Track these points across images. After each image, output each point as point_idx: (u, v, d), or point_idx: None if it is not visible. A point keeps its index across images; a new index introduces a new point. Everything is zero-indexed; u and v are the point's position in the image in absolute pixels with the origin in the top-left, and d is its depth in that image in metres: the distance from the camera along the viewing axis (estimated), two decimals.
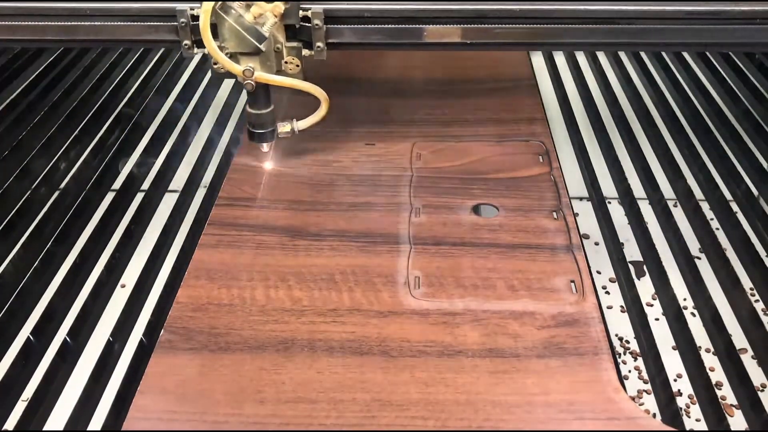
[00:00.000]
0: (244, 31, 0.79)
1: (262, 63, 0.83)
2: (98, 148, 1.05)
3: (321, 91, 0.87)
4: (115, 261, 0.87)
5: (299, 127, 0.91)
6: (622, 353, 1.27)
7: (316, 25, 0.82)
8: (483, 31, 0.84)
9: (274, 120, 0.90)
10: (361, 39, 0.84)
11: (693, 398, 1.14)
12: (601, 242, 1.00)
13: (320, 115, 0.89)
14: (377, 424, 0.59)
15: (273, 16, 0.80)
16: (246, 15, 0.79)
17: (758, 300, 0.85)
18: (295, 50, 0.84)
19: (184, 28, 0.82)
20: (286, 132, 0.90)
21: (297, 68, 0.85)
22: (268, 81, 0.83)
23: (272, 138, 0.90)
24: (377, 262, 0.77)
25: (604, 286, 1.36)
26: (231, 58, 0.82)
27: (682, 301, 0.83)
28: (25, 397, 0.71)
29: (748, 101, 1.15)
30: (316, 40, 0.83)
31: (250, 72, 0.81)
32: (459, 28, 0.83)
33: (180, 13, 0.82)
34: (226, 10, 0.79)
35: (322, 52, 0.84)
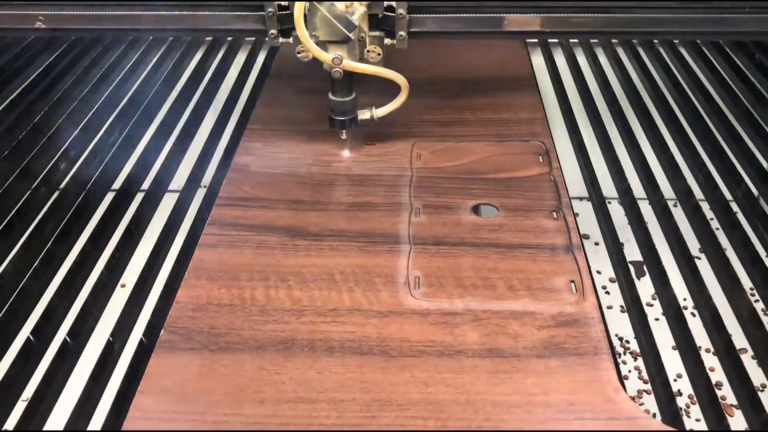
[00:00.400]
0: (336, 19, 0.83)
1: (348, 51, 0.86)
2: (98, 148, 1.05)
3: (402, 78, 0.90)
4: (115, 261, 0.87)
5: (378, 115, 0.94)
6: (622, 353, 1.27)
7: (400, 15, 0.86)
8: (562, 20, 0.88)
9: (355, 107, 0.93)
10: (442, 28, 0.88)
11: (693, 398, 1.14)
12: (601, 242, 1.00)
13: (400, 102, 0.92)
14: (377, 424, 0.59)
15: (361, 5, 0.84)
16: (337, 4, 0.83)
17: (758, 300, 0.84)
18: (378, 39, 0.88)
19: (272, 18, 0.86)
20: (366, 119, 0.94)
21: (379, 57, 0.88)
22: (355, 69, 0.87)
23: (353, 125, 0.93)
24: (377, 262, 0.77)
25: (604, 286, 1.36)
26: (319, 46, 0.85)
27: (682, 301, 0.83)
28: (25, 397, 0.71)
29: (748, 101, 1.15)
30: (399, 29, 0.87)
31: (339, 60, 0.85)
32: (539, 17, 0.88)
33: (268, 3, 0.86)
34: None
35: (404, 40, 0.88)
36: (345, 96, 0.91)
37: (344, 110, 0.92)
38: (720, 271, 0.86)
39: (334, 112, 0.92)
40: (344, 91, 0.91)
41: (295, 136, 0.99)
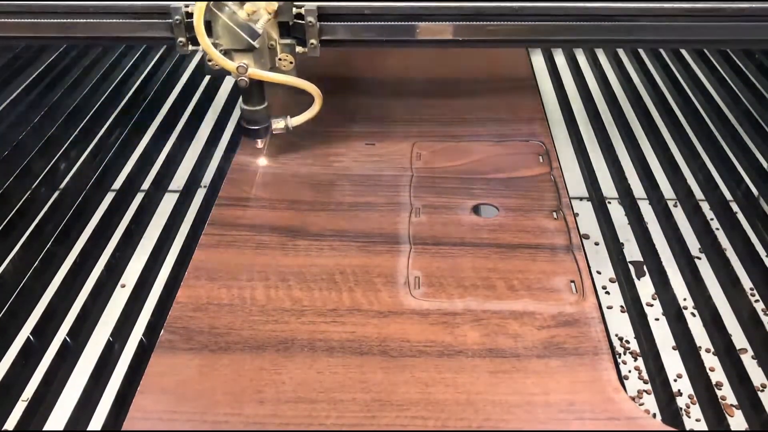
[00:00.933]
0: (238, 27, 0.80)
1: (255, 60, 0.83)
2: (98, 148, 1.05)
3: (314, 87, 0.88)
4: (115, 261, 0.87)
5: (293, 124, 0.92)
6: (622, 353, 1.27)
7: (310, 22, 0.83)
8: (476, 28, 0.84)
9: (269, 117, 0.91)
10: (354, 36, 0.85)
11: (693, 398, 1.14)
12: (601, 242, 1.00)
13: (314, 112, 0.91)
14: (377, 424, 0.59)
15: (267, 12, 0.81)
16: (239, 12, 0.80)
17: (758, 300, 0.84)
18: (289, 47, 0.85)
19: (179, 26, 0.83)
20: (281, 128, 0.92)
21: (291, 65, 0.86)
22: (262, 77, 0.84)
23: (266, 134, 0.91)
24: (377, 262, 0.77)
25: (604, 286, 1.36)
26: (225, 54, 0.83)
27: (682, 301, 0.83)
28: (25, 397, 0.71)
29: (748, 101, 1.15)
30: (310, 37, 0.84)
31: (243, 68, 0.82)
32: (452, 25, 0.84)
33: (174, 10, 0.83)
34: (219, 7, 0.80)
35: (316, 48, 0.85)
36: (256, 105, 0.89)
37: (256, 119, 0.90)
38: (720, 271, 0.86)
39: (245, 121, 0.90)
40: (255, 100, 0.88)
41: (295, 136, 0.99)
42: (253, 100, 0.88)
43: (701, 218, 0.94)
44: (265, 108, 0.89)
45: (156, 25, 0.85)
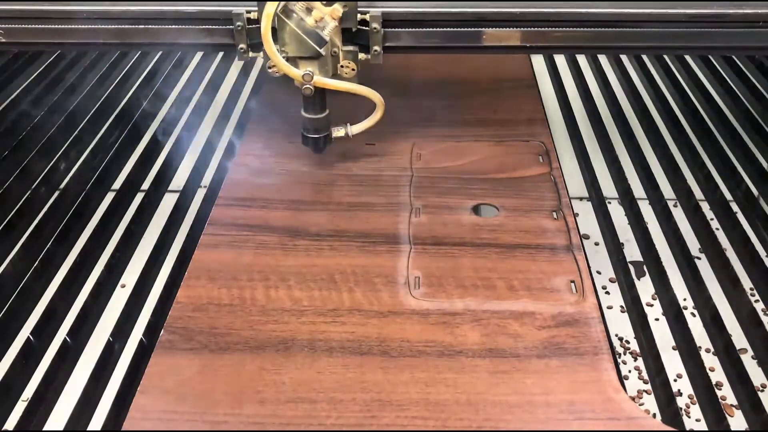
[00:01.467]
0: (305, 34, 0.79)
1: (320, 67, 0.82)
2: (98, 148, 1.05)
3: (377, 95, 0.86)
4: (115, 261, 0.87)
5: (353, 132, 0.90)
6: (622, 353, 1.27)
7: (374, 29, 0.81)
8: (542, 34, 0.83)
9: (329, 124, 0.89)
10: (418, 42, 0.84)
11: (693, 398, 1.14)
12: (601, 242, 1.00)
13: (375, 119, 0.89)
14: (377, 424, 0.59)
15: (332, 19, 0.79)
16: (307, 18, 0.78)
17: (758, 300, 0.84)
18: (352, 54, 0.84)
19: (240, 32, 0.82)
20: (341, 136, 0.90)
21: (353, 72, 0.84)
22: (327, 85, 0.83)
23: (327, 143, 0.89)
24: (377, 262, 0.77)
25: (604, 287, 1.36)
26: (289, 61, 0.81)
27: (682, 301, 0.83)
28: (25, 397, 0.71)
29: (748, 101, 1.15)
30: (374, 44, 0.83)
31: (309, 76, 0.81)
32: (518, 32, 0.83)
33: (236, 16, 0.81)
34: (287, 13, 0.79)
35: (379, 55, 0.83)
36: (318, 113, 0.87)
37: (317, 128, 0.88)
38: (720, 271, 0.86)
39: (306, 130, 0.88)
40: (317, 108, 0.87)
41: (295, 136, 0.99)
42: (316, 108, 0.86)
43: (701, 218, 0.94)
44: (326, 116, 0.88)
45: (217, 32, 0.83)
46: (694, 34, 0.82)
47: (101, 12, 0.83)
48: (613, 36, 0.83)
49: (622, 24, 0.82)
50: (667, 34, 0.82)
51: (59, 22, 0.83)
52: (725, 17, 0.81)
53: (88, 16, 0.83)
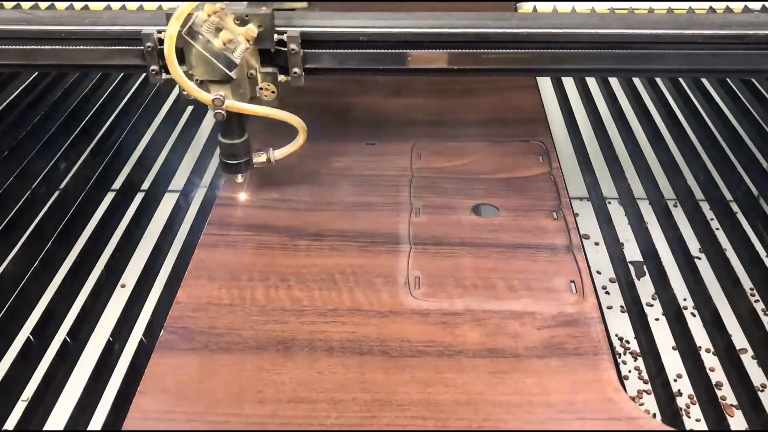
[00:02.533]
0: (213, 57, 0.73)
1: (234, 90, 0.77)
2: (98, 148, 1.05)
3: (298, 119, 0.81)
4: (115, 261, 0.87)
5: (276, 157, 0.85)
6: (622, 353, 1.27)
7: (293, 50, 0.77)
8: (472, 56, 0.78)
9: (249, 149, 0.83)
10: (340, 64, 0.79)
11: (693, 398, 1.14)
12: (601, 242, 1.00)
13: (298, 144, 0.84)
14: (377, 424, 0.59)
15: (245, 40, 0.74)
16: (214, 41, 0.72)
17: (758, 300, 0.85)
18: (271, 76, 0.79)
19: (151, 53, 0.77)
20: (262, 162, 0.85)
21: (273, 95, 0.79)
22: (240, 110, 0.77)
23: (247, 169, 0.84)
24: (377, 262, 0.77)
25: (604, 286, 1.36)
26: (200, 85, 0.76)
27: (682, 301, 0.83)
28: (25, 397, 0.71)
29: (748, 101, 1.15)
30: (293, 66, 0.78)
31: (219, 101, 0.75)
32: (446, 53, 0.78)
33: (146, 36, 0.76)
34: (193, 35, 0.73)
35: (300, 78, 0.79)
36: (235, 138, 0.80)
37: (234, 153, 0.81)
38: (720, 271, 0.86)
39: (224, 155, 0.82)
40: (234, 134, 0.80)
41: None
42: (233, 133, 0.80)
43: (701, 218, 0.94)
44: (245, 141, 0.81)
45: (127, 53, 0.78)
46: (712, 56, 0.77)
47: (6, 31, 0.79)
48: (621, 57, 0.78)
49: (631, 46, 0.77)
50: (683, 56, 0.77)
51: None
52: (745, 38, 0.76)
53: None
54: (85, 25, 0.79)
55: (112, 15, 0.82)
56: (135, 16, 0.82)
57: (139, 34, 0.77)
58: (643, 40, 0.77)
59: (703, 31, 0.76)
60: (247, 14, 0.74)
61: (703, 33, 0.76)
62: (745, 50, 0.77)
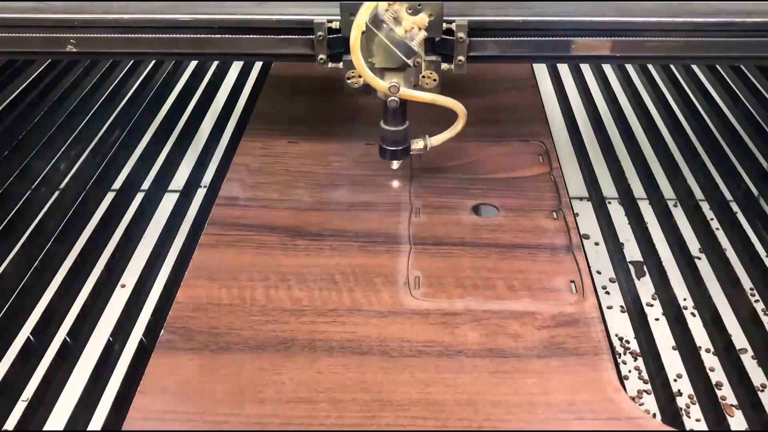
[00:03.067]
0: (394, 45, 0.75)
1: (405, 78, 0.79)
2: (98, 148, 1.05)
3: (460, 105, 0.83)
4: (115, 261, 0.87)
5: (432, 144, 0.87)
6: (622, 353, 1.27)
7: (460, 38, 0.78)
8: (635, 44, 0.79)
9: (408, 136, 0.85)
10: (504, 52, 0.80)
11: (693, 398, 1.14)
12: (601, 242, 1.00)
13: (456, 130, 0.85)
14: (377, 424, 0.59)
15: (418, 29, 0.76)
16: (397, 29, 0.75)
17: (758, 300, 0.84)
18: (434, 64, 0.80)
19: (321, 42, 0.79)
20: (420, 149, 0.87)
21: (435, 83, 0.81)
22: (412, 97, 0.79)
23: (406, 155, 0.86)
24: (377, 262, 0.77)
25: (604, 286, 1.36)
26: (374, 73, 0.78)
27: (682, 301, 0.83)
28: (25, 397, 0.71)
29: (748, 101, 1.15)
30: (458, 54, 0.79)
31: (396, 88, 0.77)
32: (609, 41, 0.79)
33: (318, 26, 0.78)
34: (377, 24, 0.75)
35: (463, 65, 0.80)
36: (398, 125, 0.83)
37: (397, 140, 0.84)
38: (720, 271, 0.86)
39: (385, 142, 0.84)
40: (398, 120, 0.83)
41: (295, 135, 0.99)
42: (397, 120, 0.83)
43: (701, 218, 0.94)
44: (406, 128, 0.84)
45: (296, 42, 0.80)
46: (701, 44, 0.80)
47: (178, 21, 0.80)
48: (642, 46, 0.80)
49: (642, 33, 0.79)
50: (672, 44, 0.80)
51: (134, 31, 0.80)
52: (734, 26, 0.79)
53: (165, 25, 0.80)
54: (256, 13, 0.80)
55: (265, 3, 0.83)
56: (297, 4, 0.82)
57: (311, 23, 0.78)
58: (636, 28, 0.79)
59: (692, 19, 0.79)
60: (420, 3, 0.76)
61: (692, 21, 0.79)
62: (734, 38, 0.79)
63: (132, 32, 0.80)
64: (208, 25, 0.80)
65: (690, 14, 0.79)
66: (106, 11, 0.81)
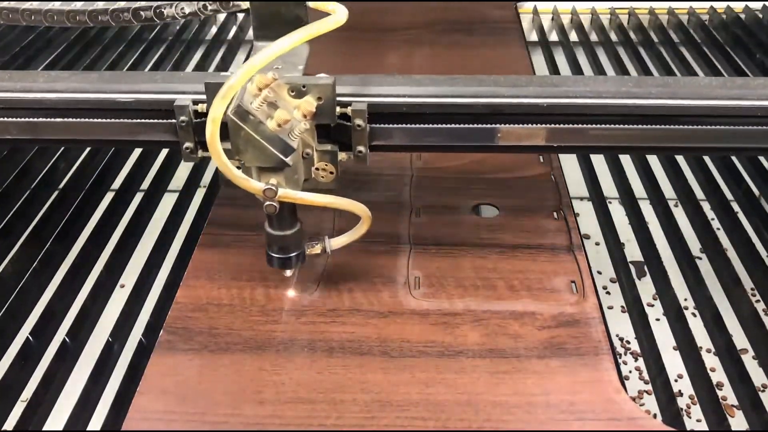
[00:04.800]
0: (266, 142, 0.60)
1: (287, 177, 0.63)
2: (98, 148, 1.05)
3: (362, 207, 0.69)
4: (115, 261, 0.87)
5: (333, 247, 0.72)
6: (623, 353, 1.27)
7: (358, 126, 0.64)
8: (574, 132, 0.64)
9: (301, 240, 0.69)
10: (414, 141, 0.66)
11: (694, 398, 1.14)
12: (602, 242, 1.00)
13: (360, 233, 0.71)
14: (377, 424, 0.59)
15: (303, 116, 0.61)
16: (268, 122, 0.60)
17: (759, 300, 0.84)
18: (330, 155, 0.66)
19: (186, 128, 0.63)
20: (316, 254, 0.72)
21: (331, 176, 0.67)
22: (296, 200, 0.64)
23: (299, 262, 0.70)
24: (377, 262, 0.76)
25: (604, 287, 1.36)
26: (246, 171, 0.63)
27: (682, 301, 0.83)
28: (24, 397, 0.71)
29: None
30: (357, 143, 0.65)
31: (272, 192, 0.62)
32: (543, 129, 0.64)
33: (179, 109, 0.62)
34: (241, 115, 0.59)
35: (365, 156, 0.66)
36: (286, 229, 0.67)
37: (285, 246, 0.68)
38: (721, 271, 0.86)
39: (272, 249, 0.68)
40: (285, 224, 0.67)
41: None
42: (284, 223, 0.67)
43: (702, 218, 0.94)
44: (297, 231, 0.68)
45: (156, 126, 0.65)
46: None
47: (18, 101, 0.65)
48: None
49: None
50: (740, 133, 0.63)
51: None
52: None
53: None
54: (105, 93, 0.65)
55: (132, 78, 0.68)
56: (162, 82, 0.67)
57: (171, 104, 0.63)
58: (691, 113, 0.63)
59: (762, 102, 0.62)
60: (305, 84, 0.62)
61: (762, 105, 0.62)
62: None
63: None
64: (47, 105, 0.65)
65: None
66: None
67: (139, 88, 0.65)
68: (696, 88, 0.64)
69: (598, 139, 0.65)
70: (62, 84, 0.66)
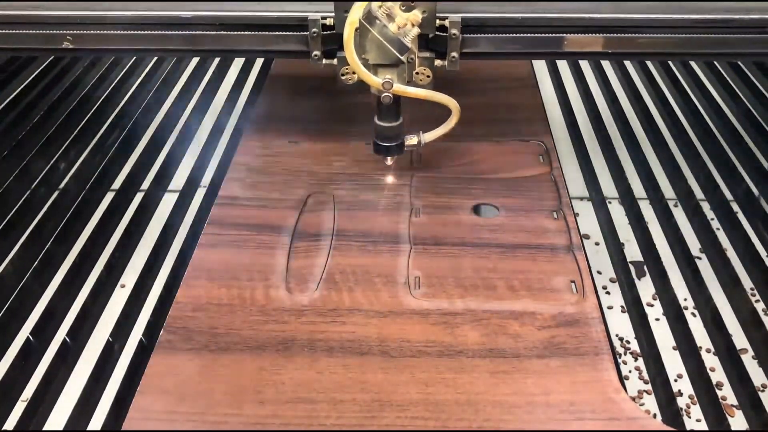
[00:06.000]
0: (387, 42, 0.76)
1: (398, 74, 0.80)
2: (98, 148, 1.05)
3: (454, 102, 0.84)
4: (115, 261, 0.87)
5: (426, 140, 0.88)
6: (623, 353, 1.27)
7: (453, 35, 0.79)
8: (631, 40, 0.80)
9: (402, 132, 0.86)
10: (497, 48, 0.81)
11: (693, 398, 1.14)
12: (602, 242, 1.00)
13: (450, 126, 0.86)
14: (377, 424, 0.59)
15: (412, 25, 0.77)
16: (390, 25, 0.76)
17: (759, 300, 0.84)
18: (428, 60, 0.81)
19: (315, 38, 0.79)
20: (413, 145, 0.88)
21: (428, 79, 0.82)
22: (405, 93, 0.80)
23: (400, 151, 0.87)
24: (377, 262, 0.77)
25: (604, 286, 1.36)
26: (367, 69, 0.79)
27: (682, 301, 0.83)
28: (25, 397, 0.71)
29: (748, 101, 1.15)
30: (451, 50, 0.80)
31: (389, 84, 0.78)
32: (601, 38, 0.80)
33: (312, 22, 0.79)
34: (370, 20, 0.76)
35: (456, 62, 0.81)
36: (392, 121, 0.84)
37: (390, 136, 0.86)
38: (720, 271, 0.86)
39: (379, 138, 0.86)
40: (392, 117, 0.84)
41: (295, 135, 0.99)
42: (391, 116, 0.84)
43: (702, 218, 0.94)
44: (401, 124, 0.85)
45: (290, 38, 0.81)
46: (698, 41, 0.80)
47: (172, 18, 0.81)
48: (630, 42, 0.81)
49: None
50: (669, 41, 0.80)
51: (130, 27, 0.81)
52: (732, 23, 0.79)
53: (159, 22, 0.81)
54: (250, 9, 0.81)
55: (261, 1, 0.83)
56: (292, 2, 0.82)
57: (305, 19, 0.79)
58: (632, 25, 0.80)
59: (691, 15, 0.79)
60: (413, 1, 0.76)
61: (691, 17, 0.79)
62: (733, 34, 0.80)
63: (128, 29, 0.81)
64: (204, 21, 0.81)
65: (687, 11, 0.79)
66: (104, 8, 0.81)
67: (271, 7, 0.81)
68: None
69: (646, 46, 0.81)
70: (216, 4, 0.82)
